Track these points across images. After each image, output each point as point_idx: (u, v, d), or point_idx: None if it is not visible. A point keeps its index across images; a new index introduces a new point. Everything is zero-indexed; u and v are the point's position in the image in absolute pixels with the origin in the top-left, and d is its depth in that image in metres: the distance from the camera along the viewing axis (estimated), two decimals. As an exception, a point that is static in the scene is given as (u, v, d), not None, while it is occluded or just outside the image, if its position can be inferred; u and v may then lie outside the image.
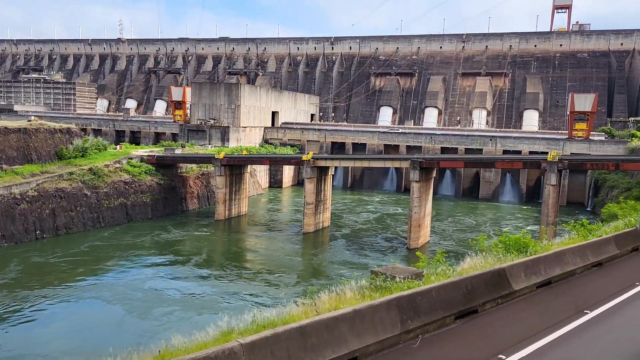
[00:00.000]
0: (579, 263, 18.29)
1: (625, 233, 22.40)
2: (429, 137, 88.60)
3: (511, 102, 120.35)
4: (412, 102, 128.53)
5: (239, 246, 47.62)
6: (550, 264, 16.83)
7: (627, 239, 22.01)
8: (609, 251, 20.46)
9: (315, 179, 53.02)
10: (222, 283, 34.11)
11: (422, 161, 46.50)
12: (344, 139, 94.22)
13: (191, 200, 63.41)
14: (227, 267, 38.87)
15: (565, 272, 17.39)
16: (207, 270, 37.95)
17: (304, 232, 52.76)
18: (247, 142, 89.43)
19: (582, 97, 78.90)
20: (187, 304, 28.76)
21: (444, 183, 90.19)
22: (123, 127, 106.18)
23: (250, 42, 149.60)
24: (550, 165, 42.81)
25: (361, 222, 59.87)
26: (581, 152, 77.20)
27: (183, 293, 31.02)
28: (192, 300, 29.54)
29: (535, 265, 16.10)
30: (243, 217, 60.78)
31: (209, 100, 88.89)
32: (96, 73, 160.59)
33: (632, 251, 21.94)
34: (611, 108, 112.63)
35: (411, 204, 47.80)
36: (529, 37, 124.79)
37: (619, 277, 18.13)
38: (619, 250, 20.81)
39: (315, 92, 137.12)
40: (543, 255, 16.97)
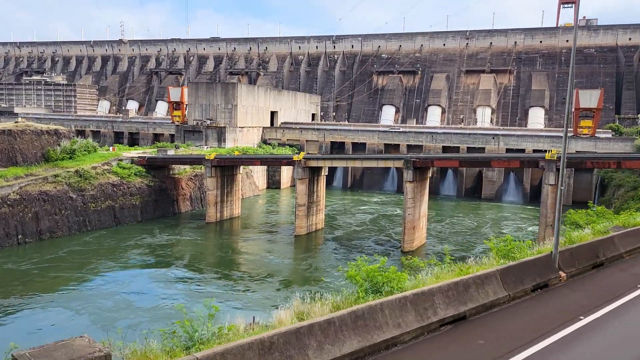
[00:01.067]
0: (412, 324, 10.86)
1: (526, 263, 15.22)
2: (429, 136, 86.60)
3: (516, 99, 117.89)
4: (415, 100, 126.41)
5: (225, 250, 46.07)
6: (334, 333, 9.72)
7: (526, 272, 14.85)
8: (486, 295, 13.04)
9: (307, 179, 51.38)
10: (199, 290, 32.59)
11: (415, 160, 44.69)
12: (344, 138, 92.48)
13: (183, 203, 62.04)
14: (208, 273, 37.36)
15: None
16: (187, 276, 36.45)
17: (296, 235, 51.14)
18: (244, 143, 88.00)
19: (588, 93, 76.57)
20: (157, 314, 27.27)
21: (446, 183, 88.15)
22: (121, 128, 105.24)
23: (251, 42, 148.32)
24: (549, 164, 40.81)
25: (356, 223, 58.15)
26: (587, 150, 74.85)
27: (156, 301, 29.57)
28: (163, 309, 28.04)
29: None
30: (235, 219, 59.29)
31: (206, 101, 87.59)
32: (98, 75, 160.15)
33: (532, 290, 14.87)
34: (619, 105, 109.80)
35: (405, 205, 46.02)
36: (535, 33, 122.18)
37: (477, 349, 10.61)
38: (508, 292, 13.83)
39: (317, 91, 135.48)
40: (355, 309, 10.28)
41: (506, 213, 70.67)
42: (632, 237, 20.60)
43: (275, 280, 36.00)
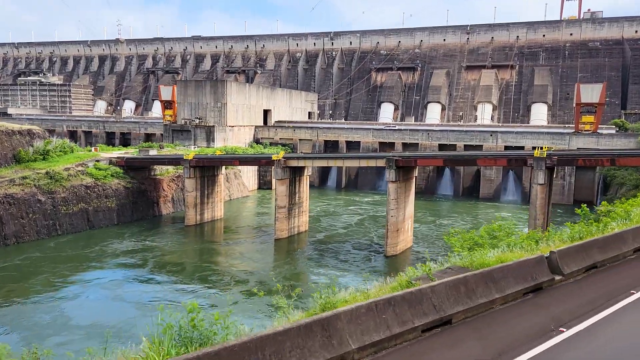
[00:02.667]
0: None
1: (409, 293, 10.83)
2: (425, 133, 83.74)
3: (518, 95, 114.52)
4: (415, 97, 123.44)
5: (198, 255, 43.68)
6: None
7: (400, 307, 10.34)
8: None
9: (287, 180, 48.89)
10: (152, 300, 30.16)
11: (398, 159, 42.05)
12: (338, 137, 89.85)
13: (165, 205, 59.80)
14: (168, 282, 34.98)
15: None
16: (144, 285, 34.12)
17: (276, 239, 48.69)
18: (235, 142, 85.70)
19: (589, 87, 73.29)
20: (94, 330, 24.90)
21: (443, 182, 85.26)
22: (113, 128, 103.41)
23: (248, 40, 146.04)
24: (538, 162, 37.98)
25: (342, 226, 55.56)
26: (588, 147, 71.64)
27: (97, 317, 27.22)
28: (102, 325, 25.64)
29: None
30: (217, 222, 56.95)
31: (195, 99, 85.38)
32: (95, 74, 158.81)
33: (423, 332, 10.62)
34: (625, 99, 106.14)
35: (387, 206, 43.39)
36: (537, 27, 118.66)
37: None
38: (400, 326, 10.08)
39: (316, 89, 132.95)
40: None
41: (504, 213, 67.56)
42: None
43: (243, 289, 33.54)
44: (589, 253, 16.01)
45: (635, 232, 18.36)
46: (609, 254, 16.87)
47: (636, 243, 18.11)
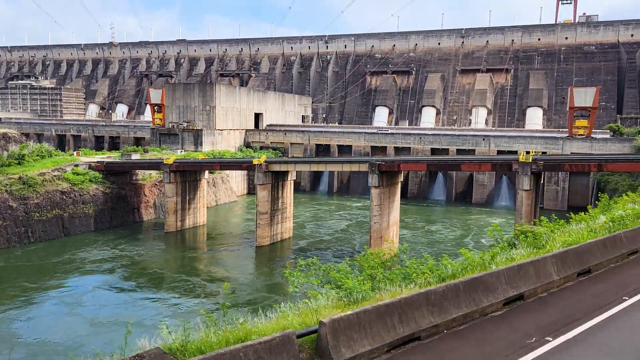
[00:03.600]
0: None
1: None
2: (418, 137, 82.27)
3: (513, 99, 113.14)
4: (410, 101, 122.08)
5: (171, 264, 42.04)
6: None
7: None
8: None
9: (269, 185, 47.37)
10: (110, 316, 28.54)
11: (380, 164, 40.60)
12: (329, 141, 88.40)
13: (146, 210, 58.23)
14: (132, 294, 33.37)
15: None
16: (107, 297, 32.49)
17: (257, 246, 47.11)
18: (224, 146, 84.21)
19: (582, 91, 71.92)
20: (40, 349, 23.26)
21: (436, 187, 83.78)
22: (102, 132, 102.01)
23: (242, 43, 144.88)
24: (523, 167, 36.47)
25: (328, 232, 53.97)
26: (582, 151, 70.23)
27: (46, 334, 25.53)
28: (48, 343, 23.94)
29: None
30: (199, 228, 55.38)
31: (183, 102, 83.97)
32: (89, 78, 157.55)
33: None
34: (621, 104, 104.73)
35: (370, 212, 41.85)
36: (532, 30, 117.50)
37: None
38: None
39: (310, 92, 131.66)
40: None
41: (496, 219, 66.03)
42: None
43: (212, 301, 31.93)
44: (392, 319, 9.71)
45: (510, 273, 12.41)
46: (445, 315, 10.66)
47: (510, 290, 12.20)
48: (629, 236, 17.20)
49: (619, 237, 16.76)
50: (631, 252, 16.93)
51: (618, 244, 16.40)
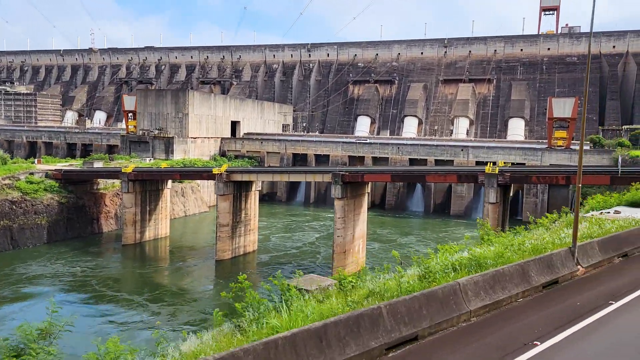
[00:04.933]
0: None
1: None
2: (396, 147, 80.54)
3: (496, 110, 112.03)
4: (392, 111, 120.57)
5: (119, 280, 39.38)
6: None
7: None
8: None
9: (231, 195, 45.08)
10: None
11: (344, 174, 38.49)
12: (306, 150, 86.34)
13: (106, 221, 55.54)
14: (70, 307, 30.71)
15: None
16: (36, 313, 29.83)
17: (217, 260, 44.70)
18: (197, 154, 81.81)
19: (561, 101, 70.74)
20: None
21: (414, 198, 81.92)
22: (75, 139, 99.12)
23: (224, 50, 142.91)
24: (489, 179, 34.58)
25: (295, 245, 51.65)
26: (561, 163, 68.90)
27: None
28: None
29: None
30: (160, 240, 52.80)
31: (155, 109, 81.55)
32: (67, 84, 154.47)
33: None
34: (603, 115, 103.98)
35: (334, 225, 39.67)
36: (515, 41, 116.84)
37: None
38: None
39: (292, 101, 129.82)
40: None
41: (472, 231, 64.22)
42: None
43: (154, 320, 29.43)
44: None
45: (393, 309, 9.86)
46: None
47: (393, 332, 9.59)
48: None
49: None
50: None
51: None
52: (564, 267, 14.54)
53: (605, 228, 18.47)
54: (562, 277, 14.32)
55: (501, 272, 12.64)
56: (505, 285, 12.45)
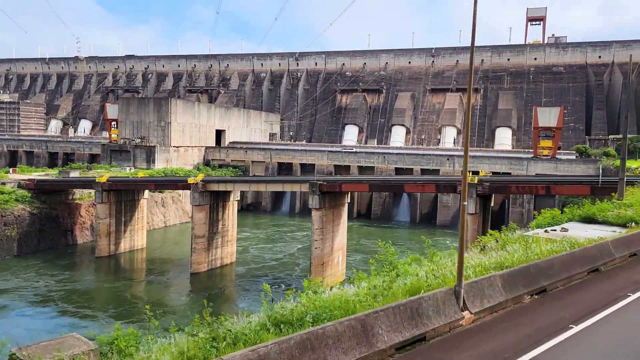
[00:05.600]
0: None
1: None
2: (382, 156, 79.69)
3: (483, 119, 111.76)
4: (380, 120, 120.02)
5: (86, 294, 37.82)
6: None
7: None
8: None
9: (207, 206, 43.77)
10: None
11: (322, 184, 37.38)
12: (291, 159, 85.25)
13: (81, 233, 53.94)
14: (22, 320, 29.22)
15: None
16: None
17: (193, 273, 43.28)
18: (180, 164, 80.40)
19: (547, 110, 70.38)
20: None
21: (401, 208, 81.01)
22: (56, 148, 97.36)
23: (212, 59, 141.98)
24: (468, 188, 33.64)
25: (276, 257, 50.32)
26: (547, 172, 68.28)
27: None
28: None
29: None
30: (136, 252, 51.28)
31: (138, 118, 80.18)
32: (53, 93, 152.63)
33: None
34: (590, 125, 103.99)
35: (312, 236, 38.48)
36: (502, 51, 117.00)
37: None
38: None
39: (280, 110, 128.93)
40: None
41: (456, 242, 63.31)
42: None
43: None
44: None
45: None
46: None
47: None
48: None
49: None
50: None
51: None
52: (440, 316, 10.27)
53: (530, 253, 14.39)
54: (433, 330, 10.04)
55: (318, 334, 8.36)
56: (324, 354, 8.22)
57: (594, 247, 15.90)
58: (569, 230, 18.41)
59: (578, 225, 20.07)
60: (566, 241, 16.06)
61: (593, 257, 15.49)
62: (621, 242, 17.02)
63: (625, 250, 16.82)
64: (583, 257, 15.18)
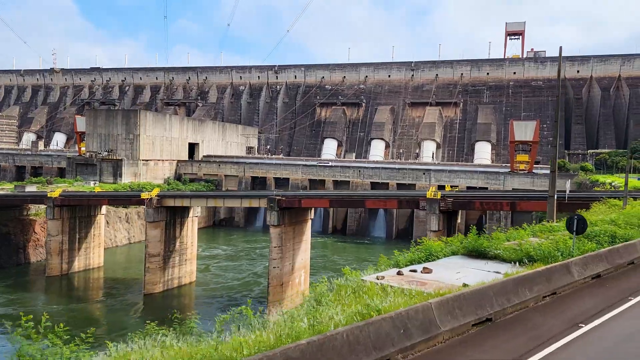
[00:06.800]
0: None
1: None
2: (357, 170, 77.89)
3: (463, 133, 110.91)
4: (359, 133, 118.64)
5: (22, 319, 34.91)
6: None
7: None
8: None
9: (163, 223, 41.34)
10: None
11: (280, 199, 35.23)
12: (265, 173, 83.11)
13: (35, 250, 50.98)
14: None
15: None
16: None
17: (146, 294, 40.64)
18: (150, 178, 77.77)
19: (523, 124, 69.29)
20: None
21: (377, 223, 79.07)
22: (24, 162, 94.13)
23: (190, 71, 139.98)
24: (431, 204, 31.82)
25: (239, 276, 47.83)
26: (524, 187, 66.96)
27: None
28: None
29: None
30: (92, 271, 48.47)
31: (105, 130, 77.58)
32: (27, 105, 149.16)
33: None
34: (569, 140, 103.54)
35: (270, 255, 36.23)
36: (481, 65, 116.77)
37: None
38: None
39: (259, 123, 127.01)
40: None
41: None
42: None
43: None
44: None
45: None
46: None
47: None
48: None
49: None
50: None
51: None
52: None
53: None
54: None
55: None
56: None
57: (398, 317, 8.51)
58: (434, 270, 12.70)
59: (459, 261, 14.27)
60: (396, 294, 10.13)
61: (385, 338, 8.12)
62: (462, 301, 9.80)
63: (467, 316, 9.69)
64: (376, 335, 8.05)
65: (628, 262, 15.33)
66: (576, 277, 13.04)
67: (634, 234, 17.21)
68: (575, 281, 12.97)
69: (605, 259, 14.49)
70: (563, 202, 27.68)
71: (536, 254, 13.61)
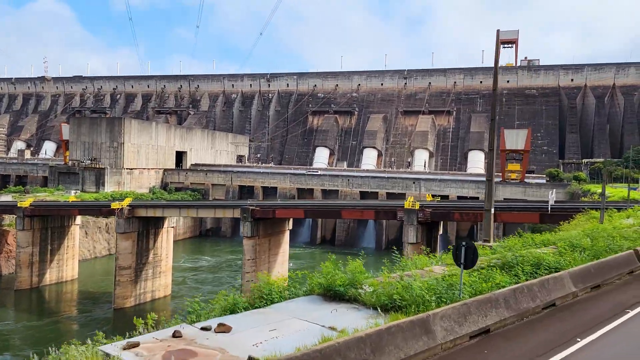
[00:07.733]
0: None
1: None
2: (346, 179, 76.35)
3: (456, 142, 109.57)
4: (352, 142, 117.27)
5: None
6: None
7: None
8: None
9: (135, 234, 39.62)
10: None
11: (254, 209, 33.62)
12: (253, 182, 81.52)
13: (7, 262, 49.17)
14: None
15: None
16: None
17: (116, 308, 38.82)
18: (134, 186, 76.12)
19: (514, 132, 67.91)
20: None
21: (367, 234, 77.37)
22: (9, 170, 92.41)
23: (182, 79, 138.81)
24: (409, 215, 30.26)
25: (217, 289, 45.86)
26: (515, 196, 65.44)
27: None
28: None
29: None
30: (64, 284, 46.63)
31: (89, 138, 76.02)
32: (18, 113, 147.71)
33: None
34: (563, 148, 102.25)
35: (242, 267, 34.52)
36: (474, 73, 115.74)
37: None
38: None
39: (251, 131, 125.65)
40: None
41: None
42: None
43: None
44: None
45: None
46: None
47: None
48: None
49: None
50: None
51: None
52: None
53: None
54: None
55: None
56: None
57: None
58: (235, 328, 9.17)
59: (302, 305, 10.80)
60: None
61: None
62: None
63: None
64: None
65: (544, 306, 11.29)
66: (439, 341, 8.69)
67: (571, 260, 13.12)
68: (437, 345, 8.64)
69: (503, 305, 10.35)
70: (546, 213, 26.06)
71: (403, 298, 9.75)
